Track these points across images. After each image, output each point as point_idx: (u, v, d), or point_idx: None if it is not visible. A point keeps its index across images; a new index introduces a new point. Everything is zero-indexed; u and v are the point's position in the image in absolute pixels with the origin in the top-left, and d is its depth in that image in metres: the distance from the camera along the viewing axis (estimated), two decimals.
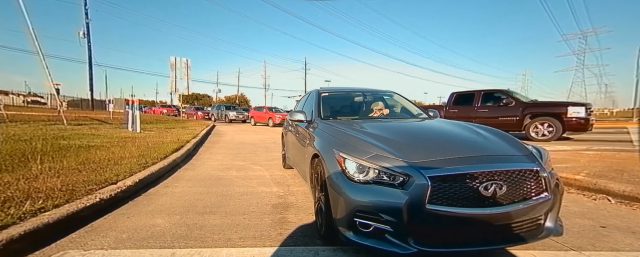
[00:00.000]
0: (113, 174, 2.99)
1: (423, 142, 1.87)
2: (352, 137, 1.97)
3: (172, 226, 2.08)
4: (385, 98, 3.42)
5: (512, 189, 1.46)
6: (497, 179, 1.45)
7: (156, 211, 2.42)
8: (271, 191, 3.07)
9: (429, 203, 1.38)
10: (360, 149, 1.72)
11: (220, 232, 1.98)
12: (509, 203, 1.44)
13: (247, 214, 2.36)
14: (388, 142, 1.77)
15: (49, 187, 2.42)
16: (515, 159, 1.61)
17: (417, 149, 1.69)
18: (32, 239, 1.69)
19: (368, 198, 1.47)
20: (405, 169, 1.48)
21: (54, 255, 1.63)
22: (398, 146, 1.71)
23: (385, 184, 1.49)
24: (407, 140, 1.88)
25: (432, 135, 2.14)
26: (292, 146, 3.53)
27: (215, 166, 4.52)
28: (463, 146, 1.77)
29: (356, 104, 3.42)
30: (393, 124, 2.56)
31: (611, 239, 1.87)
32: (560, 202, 1.64)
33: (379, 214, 1.43)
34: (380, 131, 2.07)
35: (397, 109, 3.39)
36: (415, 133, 2.21)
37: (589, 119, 6.93)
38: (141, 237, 1.90)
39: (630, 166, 3.53)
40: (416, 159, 1.54)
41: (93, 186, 2.57)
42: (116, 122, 11.48)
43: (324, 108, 3.02)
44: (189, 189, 3.13)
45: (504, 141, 1.88)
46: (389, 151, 1.64)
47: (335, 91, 3.60)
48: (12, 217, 1.76)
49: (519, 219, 1.46)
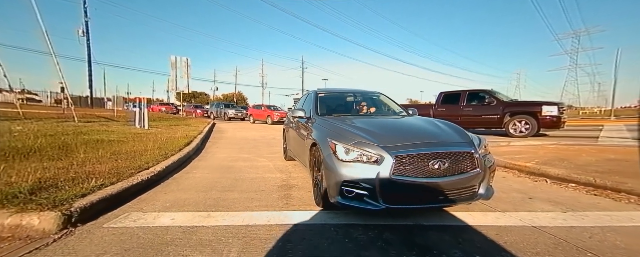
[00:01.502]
0: (144, 162, 3.59)
1: (395, 133, 2.45)
2: (342, 129, 2.54)
3: (202, 199, 2.70)
4: (374, 98, 4.02)
5: (453, 165, 2.05)
6: (442, 158, 2.04)
7: (185, 189, 3.03)
8: (275, 176, 3.69)
9: (394, 175, 1.96)
10: (348, 138, 2.28)
11: (240, 203, 2.60)
12: (450, 175, 2.03)
13: (258, 192, 2.98)
14: (369, 133, 2.34)
15: (99, 171, 3.02)
16: (457, 145, 2.22)
17: (390, 138, 2.26)
18: (105, 205, 2.30)
19: (352, 172, 2.04)
20: (379, 152, 2.05)
21: (121, 215, 2.24)
22: (376, 136, 2.27)
23: (364, 162, 2.06)
24: (384, 132, 2.45)
25: (403, 128, 2.76)
26: (293, 139, 4.05)
27: (224, 158, 5.12)
28: (422, 136, 2.37)
29: (348, 103, 3.96)
30: (376, 120, 3.13)
31: (531, 205, 2.52)
32: (491, 176, 2.25)
33: (360, 183, 2.01)
34: (366, 125, 2.64)
35: (382, 108, 3.95)
36: (391, 127, 2.81)
37: (561, 117, 7.63)
38: (181, 205, 2.51)
39: (573, 156, 4.21)
40: (387, 144, 2.11)
41: (132, 170, 3.17)
42: (122, 120, 11.99)
43: (320, 107, 3.53)
44: (207, 175, 3.74)
45: (453, 132, 2.49)
46: (369, 139, 2.21)
47: (330, 92, 4.15)
48: (86, 190, 2.36)
49: (458, 187, 2.05)
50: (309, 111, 3.52)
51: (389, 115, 3.72)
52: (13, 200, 2.05)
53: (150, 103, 48.90)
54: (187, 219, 2.20)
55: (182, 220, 2.17)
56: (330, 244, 1.80)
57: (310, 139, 2.87)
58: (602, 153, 4.43)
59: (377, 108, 3.83)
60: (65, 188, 2.36)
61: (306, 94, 4.50)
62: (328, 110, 3.56)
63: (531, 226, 2.06)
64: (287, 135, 4.64)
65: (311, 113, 3.44)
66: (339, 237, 1.89)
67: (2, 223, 1.80)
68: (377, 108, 3.85)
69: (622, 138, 7.50)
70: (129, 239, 1.84)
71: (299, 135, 3.59)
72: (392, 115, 3.65)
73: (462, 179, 2.05)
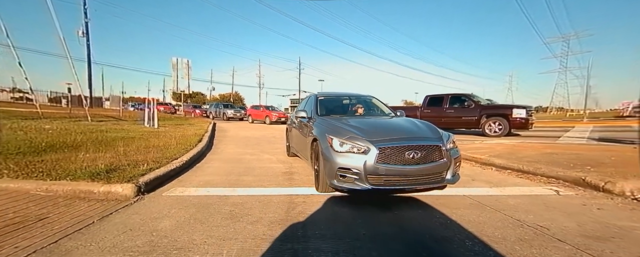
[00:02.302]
0: (172, 154, 4.42)
1: (380, 130, 3.00)
2: (338, 127, 3.11)
3: (224, 180, 3.55)
4: (366, 101, 4.66)
5: (424, 156, 2.64)
6: (415, 149, 2.61)
7: (210, 174, 3.87)
8: (279, 166, 4.55)
9: (377, 162, 2.53)
10: (342, 133, 2.84)
11: (254, 183, 3.46)
12: (422, 163, 2.61)
13: (267, 176, 3.84)
14: (360, 130, 2.89)
15: (142, 159, 3.85)
16: (428, 139, 2.80)
17: (376, 133, 2.83)
18: (157, 182, 3.14)
19: (345, 161, 2.60)
20: (366, 144, 2.61)
21: (170, 189, 3.08)
22: (365, 132, 2.84)
23: (355, 153, 2.62)
24: (372, 129, 3.01)
25: (388, 126, 3.32)
26: (295, 137, 4.67)
27: (233, 152, 5.96)
28: (402, 132, 2.97)
29: (345, 105, 4.59)
30: (367, 119, 3.68)
31: (471, 184, 3.43)
32: (456, 164, 2.83)
33: (351, 169, 2.57)
34: (358, 123, 3.20)
35: (374, 110, 4.56)
36: (378, 125, 3.35)
37: (528, 119, 8.61)
38: (210, 183, 3.36)
39: (520, 151, 5.16)
40: (373, 138, 2.68)
41: (166, 159, 4.00)
42: (129, 119, 12.70)
43: (320, 108, 4.12)
44: (222, 164, 4.58)
45: (428, 129, 3.11)
46: (359, 134, 2.77)
47: (329, 95, 4.78)
48: (142, 171, 3.20)
49: (429, 173, 2.63)
50: (310, 112, 4.10)
51: (379, 115, 4.28)
52: (97, 176, 2.88)
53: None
54: (219, 191, 3.05)
55: (215, 192, 3.02)
56: (321, 204, 2.67)
57: (311, 135, 3.44)
58: (544, 149, 5.38)
59: (369, 110, 4.45)
60: (127, 170, 3.20)
61: (307, 97, 5.11)
62: (327, 111, 4.12)
63: (462, 195, 2.96)
64: (290, 134, 5.27)
65: (312, 113, 4.00)
66: (327, 200, 2.77)
67: (98, 190, 2.63)
68: (369, 110, 4.47)
69: (578, 137, 8.52)
70: (184, 201, 2.69)
71: (301, 133, 4.19)
72: (382, 116, 4.22)
73: (432, 167, 2.63)
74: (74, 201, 2.52)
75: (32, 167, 3.11)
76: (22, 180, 2.70)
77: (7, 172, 2.86)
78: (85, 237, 1.90)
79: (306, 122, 3.97)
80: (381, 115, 4.33)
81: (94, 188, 2.65)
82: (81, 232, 1.97)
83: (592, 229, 2.08)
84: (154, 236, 1.95)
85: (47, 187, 2.60)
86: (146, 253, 1.71)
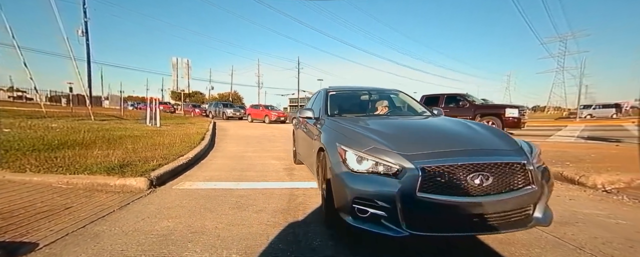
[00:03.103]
0: (177, 151, 4.65)
1: (419, 137, 2.01)
2: (354, 132, 2.15)
3: (229, 175, 3.78)
4: (392, 97, 3.59)
5: (499, 180, 1.60)
6: (484, 170, 1.58)
7: (214, 170, 4.11)
8: (280, 163, 4.78)
9: (420, 191, 1.53)
10: (360, 142, 1.89)
11: (257, 177, 3.70)
12: (495, 193, 1.58)
13: (269, 171, 4.08)
14: (387, 137, 1.93)
15: (150, 156, 4.08)
16: (503, 153, 1.75)
17: (413, 143, 1.85)
18: (167, 176, 3.38)
19: (365, 187, 1.65)
20: (399, 161, 1.64)
21: (179, 183, 3.31)
22: (396, 140, 1.86)
23: (381, 174, 1.67)
24: (406, 135, 2.06)
25: (430, 131, 2.32)
26: (301, 141, 3.75)
27: (235, 150, 6.19)
28: (455, 141, 1.93)
29: (363, 103, 3.54)
30: (395, 121, 2.72)
31: None
32: (548, 194, 1.74)
33: (375, 200, 1.60)
34: (382, 127, 2.25)
35: (402, 108, 3.54)
36: (413, 129, 2.39)
37: (521, 118, 8.90)
38: (216, 178, 3.59)
39: None
40: (410, 151, 1.70)
41: (173, 156, 4.23)
42: (131, 118, 12.90)
43: (331, 106, 3.17)
44: (226, 161, 4.82)
45: (495, 136, 2.03)
46: (386, 144, 1.80)
47: (342, 90, 3.67)
48: (153, 166, 3.43)
49: (506, 208, 1.59)
50: (317, 111, 3.21)
51: (409, 115, 3.30)
52: (112, 171, 3.11)
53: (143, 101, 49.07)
54: (224, 185, 3.29)
55: (221, 185, 3.26)
56: (320, 196, 2.91)
57: (317, 142, 2.59)
58: None
59: (395, 108, 3.45)
60: (139, 165, 3.43)
61: (316, 93, 4.11)
62: (339, 110, 3.19)
63: None
64: (296, 136, 4.37)
65: (320, 113, 3.11)
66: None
67: (115, 183, 2.87)
68: (395, 108, 3.47)
69: (568, 136, 8.82)
70: (193, 194, 2.92)
71: (306, 137, 3.34)
72: (414, 116, 3.22)
73: (513, 199, 1.60)
74: (93, 193, 2.75)
75: (50, 162, 3.34)
76: (44, 174, 2.93)
77: (29, 167, 3.09)
78: (109, 223, 2.13)
79: (312, 124, 3.11)
80: (413, 115, 3.33)
81: (110, 181, 2.88)
82: (105, 219, 2.21)
83: (561, 217, 2.33)
84: (170, 222, 2.19)
85: (68, 181, 2.83)
86: (165, 236, 1.95)
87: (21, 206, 2.29)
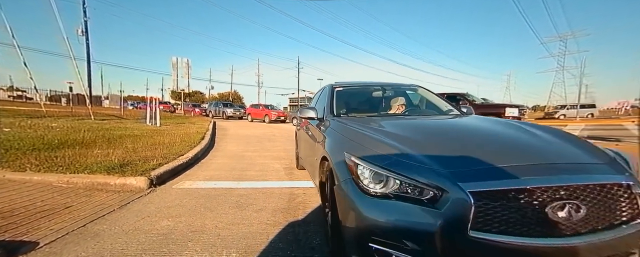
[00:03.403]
0: (177, 150, 4.65)
1: (461, 146, 1.47)
2: (368, 137, 1.64)
3: (229, 174, 3.79)
4: (408, 93, 3.05)
5: (595, 212, 1.07)
6: (571, 197, 1.06)
7: (214, 169, 4.11)
8: (280, 162, 4.78)
9: (474, 229, 1.03)
10: (377, 152, 1.39)
11: (257, 177, 3.70)
12: (589, 232, 1.05)
13: (269, 171, 4.08)
14: (413, 144, 1.43)
15: (150, 155, 4.08)
16: (594, 169, 1.21)
17: (453, 154, 1.33)
18: (167, 176, 3.38)
19: (387, 217, 1.14)
20: (437, 180, 1.13)
21: (179, 182, 3.32)
22: (426, 149, 1.37)
23: (410, 200, 1.16)
24: (440, 142, 1.54)
25: (471, 136, 1.74)
26: (303, 144, 3.30)
27: (235, 149, 6.20)
28: (516, 151, 1.40)
29: (375, 100, 3.01)
30: (419, 121, 2.20)
31: None
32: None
33: (403, 240, 1.09)
34: (403, 130, 1.74)
35: (421, 106, 2.96)
36: (447, 133, 1.81)
37: (520, 118, 8.91)
38: (216, 178, 3.59)
39: None
40: (452, 167, 1.19)
41: (173, 155, 4.23)
42: (131, 117, 12.90)
43: (337, 104, 2.66)
44: (226, 160, 4.82)
45: (572, 145, 1.48)
46: (414, 155, 1.30)
47: (351, 85, 3.17)
48: (153, 166, 3.43)
49: (606, 255, 1.07)
50: (321, 110, 2.73)
51: (434, 115, 2.72)
52: (112, 170, 3.11)
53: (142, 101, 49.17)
54: (224, 184, 3.29)
55: (221, 185, 3.26)
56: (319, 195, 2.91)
57: (320, 148, 2.09)
58: None
59: (413, 106, 2.90)
60: (139, 165, 3.43)
61: (320, 90, 3.63)
62: (347, 109, 2.74)
63: None
64: (298, 138, 3.90)
65: (324, 112, 2.64)
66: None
67: (115, 182, 2.87)
68: (414, 106, 2.92)
69: None
70: (193, 193, 2.92)
71: (308, 139, 2.89)
72: (439, 116, 2.63)
73: (615, 240, 1.07)
74: (93, 192, 2.75)
75: (50, 161, 3.34)
76: (44, 173, 2.93)
77: (29, 166, 3.09)
78: (109, 222, 2.13)
79: (315, 126, 2.63)
80: (438, 114, 2.73)
81: (110, 181, 2.88)
82: (105, 218, 2.21)
83: None
84: (170, 221, 2.19)
85: (68, 180, 2.84)
86: (165, 235, 1.95)
87: (21, 205, 2.29)
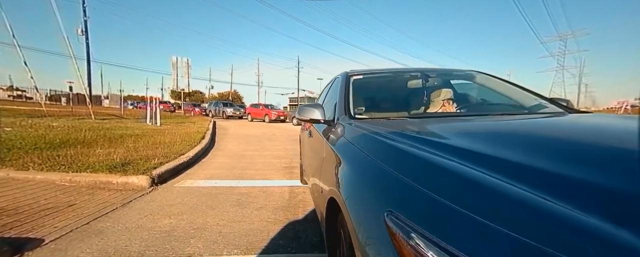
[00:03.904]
0: (178, 150, 4.68)
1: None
2: (427, 165, 0.70)
3: (230, 173, 3.82)
4: (466, 83, 2.10)
5: None
6: None
7: (215, 168, 4.14)
8: (279, 161, 4.82)
9: None
10: (464, 209, 0.48)
11: (257, 175, 3.73)
12: None
13: (269, 170, 4.11)
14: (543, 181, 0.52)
15: (151, 154, 4.11)
16: None
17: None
18: (169, 175, 3.41)
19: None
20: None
21: (180, 181, 3.35)
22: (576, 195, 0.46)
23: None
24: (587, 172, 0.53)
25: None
26: (307, 156, 2.47)
27: (235, 149, 6.23)
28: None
29: (411, 93, 2.08)
30: (507, 127, 1.14)
31: None
32: None
33: None
34: (494, 146, 0.76)
35: (486, 99, 1.98)
36: (583, 151, 0.69)
37: None
38: (216, 176, 3.63)
39: None
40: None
41: (174, 155, 4.26)
42: (131, 117, 12.93)
43: (355, 99, 1.76)
44: (226, 160, 4.85)
45: None
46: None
47: (373, 74, 2.21)
48: (154, 165, 3.47)
49: None
50: (330, 109, 1.84)
51: (516, 114, 1.57)
52: (114, 169, 3.14)
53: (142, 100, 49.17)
54: (225, 183, 3.33)
55: (222, 183, 3.30)
56: None
57: (328, 176, 1.25)
58: None
59: (473, 103, 1.96)
60: (140, 164, 3.46)
61: (331, 81, 2.59)
62: (371, 105, 1.96)
63: None
64: (302, 145, 3.09)
65: (335, 112, 1.71)
66: None
67: (117, 181, 2.90)
68: (475, 102, 1.98)
69: None
70: (194, 191, 2.96)
71: (312, 153, 2.12)
72: (529, 116, 1.49)
73: None
74: (96, 191, 2.78)
75: (53, 160, 3.37)
76: (47, 172, 2.96)
77: (32, 165, 3.12)
78: (113, 220, 2.17)
79: (322, 132, 1.77)
80: (523, 113, 1.64)
81: (113, 179, 2.91)
82: (108, 216, 2.24)
83: None
84: (173, 219, 2.22)
85: (71, 178, 2.87)
86: (168, 232, 1.98)
87: (25, 203, 2.33)
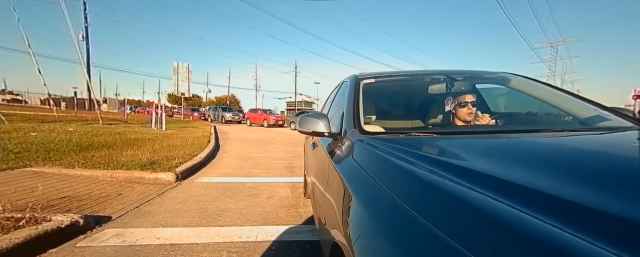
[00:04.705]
0: (190, 152, 5.29)
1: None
2: (499, 225, 0.41)
3: (238, 172, 4.44)
4: (495, 88, 1.82)
5: None
6: None
7: (225, 167, 4.76)
8: (281, 162, 5.45)
9: None
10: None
11: (263, 173, 4.36)
12: None
13: (273, 169, 4.74)
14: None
15: (169, 155, 4.71)
16: None
17: None
18: (188, 172, 4.02)
19: None
20: None
21: (198, 177, 3.96)
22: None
23: None
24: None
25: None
26: (311, 169, 2.12)
27: (240, 151, 6.84)
28: None
29: (427, 99, 1.77)
30: (565, 150, 0.82)
31: None
32: None
33: None
34: (561, 183, 0.48)
35: (524, 108, 1.65)
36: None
37: None
38: (227, 174, 4.24)
39: None
40: None
41: (188, 156, 4.87)
42: (135, 121, 13.47)
43: (365, 108, 1.51)
44: (234, 160, 5.47)
45: None
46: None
47: (387, 77, 1.91)
48: (176, 164, 4.08)
49: None
50: (338, 122, 1.50)
51: (570, 130, 1.08)
52: (144, 167, 3.75)
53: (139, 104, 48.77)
54: (237, 179, 3.94)
55: (234, 180, 3.91)
56: None
57: (332, 215, 0.95)
58: None
59: (514, 114, 1.66)
60: (164, 163, 4.07)
61: (338, 85, 2.26)
62: (382, 114, 1.84)
63: None
64: (306, 155, 2.82)
65: (343, 124, 1.37)
66: None
67: (149, 176, 3.51)
68: (516, 114, 1.66)
69: None
70: (212, 185, 3.57)
71: (316, 168, 1.71)
72: (588, 133, 1.04)
73: None
74: (133, 184, 3.39)
75: (90, 160, 3.96)
76: (91, 169, 3.55)
77: (76, 163, 3.71)
78: (156, 205, 2.78)
79: (326, 148, 1.47)
80: (580, 130, 1.11)
81: (145, 175, 3.52)
82: (150, 202, 2.85)
83: None
84: (201, 204, 2.84)
85: (111, 175, 3.47)
86: (200, 212, 2.60)
87: (84, 193, 2.92)
